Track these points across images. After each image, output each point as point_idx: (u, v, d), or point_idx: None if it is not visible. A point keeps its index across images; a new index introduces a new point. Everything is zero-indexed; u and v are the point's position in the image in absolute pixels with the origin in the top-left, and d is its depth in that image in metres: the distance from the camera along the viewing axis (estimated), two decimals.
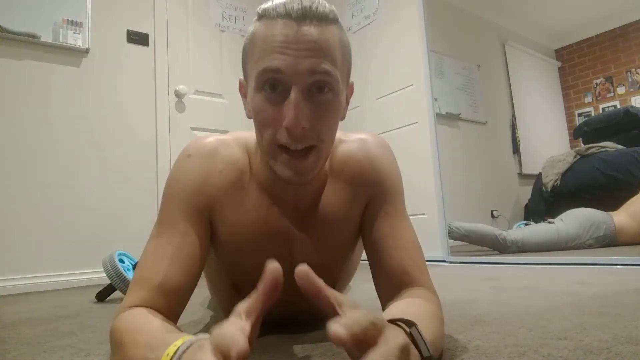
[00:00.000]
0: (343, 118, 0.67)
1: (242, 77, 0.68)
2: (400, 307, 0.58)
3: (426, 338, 0.45)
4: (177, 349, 0.42)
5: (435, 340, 0.52)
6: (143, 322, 0.55)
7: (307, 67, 0.57)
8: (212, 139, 0.73)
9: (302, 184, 0.65)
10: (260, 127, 0.62)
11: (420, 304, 0.59)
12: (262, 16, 0.60)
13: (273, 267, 0.38)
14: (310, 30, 0.57)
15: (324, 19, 0.59)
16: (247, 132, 0.76)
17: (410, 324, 0.45)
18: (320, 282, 0.40)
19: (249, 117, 0.67)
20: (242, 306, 0.39)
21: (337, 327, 0.35)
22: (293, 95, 0.57)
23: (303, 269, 0.39)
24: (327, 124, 0.62)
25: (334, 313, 0.41)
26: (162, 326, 0.54)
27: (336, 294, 0.41)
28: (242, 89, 0.69)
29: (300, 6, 0.57)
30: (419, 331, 0.44)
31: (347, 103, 0.69)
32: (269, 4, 0.60)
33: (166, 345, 0.44)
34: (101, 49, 2.52)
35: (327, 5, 0.60)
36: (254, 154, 0.72)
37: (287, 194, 0.70)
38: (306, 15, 0.57)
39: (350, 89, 0.69)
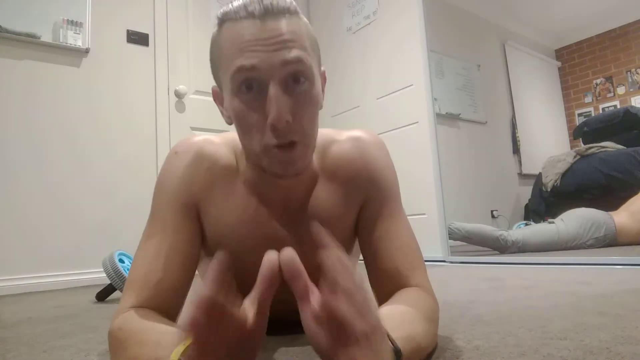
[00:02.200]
0: (321, 107, 0.66)
1: (214, 85, 0.67)
2: (382, 312, 0.57)
3: (394, 334, 0.46)
4: (187, 347, 0.42)
5: (413, 338, 0.52)
6: (149, 321, 0.55)
7: (280, 59, 0.57)
8: (199, 137, 0.73)
9: (292, 177, 0.64)
10: (244, 133, 0.61)
11: (404, 305, 0.59)
12: (224, 21, 0.60)
13: (270, 257, 0.41)
14: (275, 24, 0.57)
15: (286, 11, 0.59)
16: (235, 133, 0.76)
17: None
18: (301, 267, 0.42)
19: (229, 124, 0.65)
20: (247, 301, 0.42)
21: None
22: (272, 90, 0.56)
23: (289, 254, 0.42)
24: (309, 115, 0.61)
25: (304, 298, 0.43)
26: (170, 325, 0.54)
27: (310, 286, 0.43)
28: (217, 97, 0.68)
29: (260, 5, 0.57)
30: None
31: (323, 92, 0.68)
32: (228, 8, 0.60)
33: (176, 343, 0.44)
34: (101, 49, 2.52)
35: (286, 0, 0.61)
36: (240, 155, 0.72)
37: (275, 194, 0.70)
38: (268, 12, 0.57)
39: (323, 78, 0.68)
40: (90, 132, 2.44)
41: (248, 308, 0.42)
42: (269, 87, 0.57)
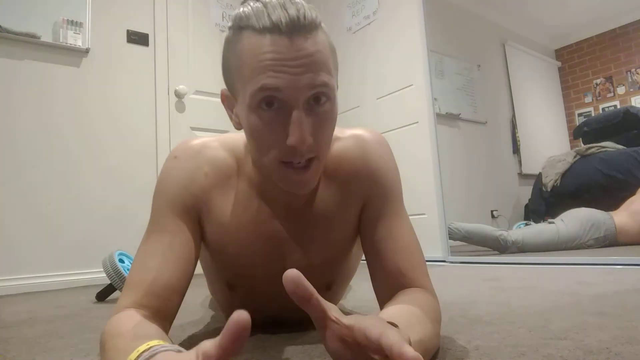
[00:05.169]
0: None
1: (224, 89, 0.66)
2: (390, 311, 0.57)
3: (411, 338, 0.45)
4: (139, 355, 0.42)
5: (423, 341, 0.51)
6: (126, 325, 0.54)
7: (306, 83, 0.55)
8: (198, 141, 0.73)
9: (305, 193, 0.65)
10: (259, 147, 0.61)
11: (410, 305, 0.59)
12: (244, 27, 0.57)
13: (238, 318, 0.30)
14: (304, 45, 0.55)
15: (313, 27, 0.57)
16: (235, 134, 0.75)
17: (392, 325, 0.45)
18: (311, 287, 0.39)
19: (238, 129, 0.65)
20: (204, 348, 0.32)
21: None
22: (296, 114, 0.56)
23: (292, 274, 0.38)
24: (327, 133, 0.61)
25: (322, 319, 0.40)
26: (140, 329, 0.52)
27: (325, 305, 0.40)
28: (227, 101, 0.66)
29: (287, 18, 0.54)
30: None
31: None
32: (249, 11, 0.56)
33: (134, 350, 0.43)
34: (101, 49, 2.52)
35: (310, 9, 0.58)
36: (243, 157, 0.71)
37: (278, 195, 0.70)
38: (295, 28, 0.54)
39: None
40: (89, 132, 2.44)
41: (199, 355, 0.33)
42: (293, 110, 0.56)
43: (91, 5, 2.49)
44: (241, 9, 0.58)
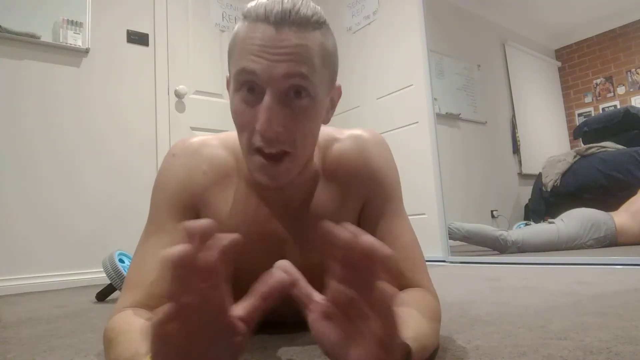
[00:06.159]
0: (327, 122, 0.66)
1: (228, 74, 0.68)
2: None
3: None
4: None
5: (418, 338, 0.51)
6: (135, 322, 0.54)
7: (282, 72, 0.56)
8: (196, 139, 0.73)
9: (277, 188, 0.64)
10: (238, 129, 0.62)
11: (407, 304, 0.59)
12: (245, 17, 0.60)
13: (277, 277, 0.37)
14: (288, 36, 0.56)
15: (305, 23, 0.57)
16: (234, 133, 0.76)
17: None
18: (297, 274, 0.41)
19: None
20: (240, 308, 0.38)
21: None
22: (266, 99, 0.56)
23: (282, 263, 0.41)
24: (303, 129, 0.60)
25: (308, 300, 0.41)
26: None
27: (311, 290, 0.42)
28: (228, 86, 0.69)
29: (280, 9, 0.56)
30: None
31: (333, 107, 0.68)
32: (253, 3, 0.59)
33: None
34: (101, 49, 2.52)
35: (311, 6, 0.58)
36: (241, 155, 0.72)
37: (275, 194, 0.70)
38: (285, 20, 0.56)
39: (337, 92, 0.68)
40: (89, 132, 2.44)
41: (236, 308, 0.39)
42: (265, 94, 0.57)
43: (91, 5, 2.49)
44: (250, 3, 0.61)
